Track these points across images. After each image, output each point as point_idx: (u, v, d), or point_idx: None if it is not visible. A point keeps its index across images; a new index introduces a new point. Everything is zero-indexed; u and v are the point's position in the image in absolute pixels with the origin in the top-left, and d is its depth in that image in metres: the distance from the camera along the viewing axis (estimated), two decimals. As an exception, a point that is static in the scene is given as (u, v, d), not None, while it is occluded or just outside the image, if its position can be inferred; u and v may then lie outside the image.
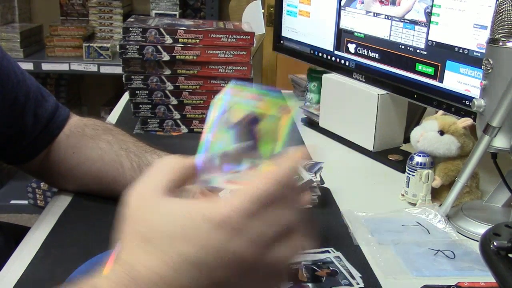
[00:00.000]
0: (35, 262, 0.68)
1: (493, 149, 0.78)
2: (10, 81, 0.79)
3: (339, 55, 1.20)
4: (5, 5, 2.62)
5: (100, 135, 0.84)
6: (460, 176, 0.82)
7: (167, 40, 1.12)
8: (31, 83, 0.83)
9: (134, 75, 1.14)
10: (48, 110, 0.84)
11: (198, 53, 1.12)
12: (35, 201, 2.61)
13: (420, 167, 0.87)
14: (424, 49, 0.99)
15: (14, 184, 2.75)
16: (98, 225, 0.78)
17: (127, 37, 1.12)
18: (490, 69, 0.76)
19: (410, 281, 0.68)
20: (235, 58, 1.14)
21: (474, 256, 0.73)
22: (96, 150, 0.83)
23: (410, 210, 0.85)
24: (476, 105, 0.78)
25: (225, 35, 1.12)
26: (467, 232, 0.80)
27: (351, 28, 1.15)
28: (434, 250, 0.74)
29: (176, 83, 1.14)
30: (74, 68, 2.41)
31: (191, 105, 1.16)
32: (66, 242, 0.73)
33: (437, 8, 0.95)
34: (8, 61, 0.80)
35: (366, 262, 0.71)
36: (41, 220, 0.79)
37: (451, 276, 0.69)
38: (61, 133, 0.85)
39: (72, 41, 2.47)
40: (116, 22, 2.60)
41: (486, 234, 0.52)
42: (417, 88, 1.01)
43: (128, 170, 0.80)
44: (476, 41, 0.88)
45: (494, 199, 0.85)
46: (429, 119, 0.92)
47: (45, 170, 0.86)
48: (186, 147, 1.11)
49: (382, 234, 0.79)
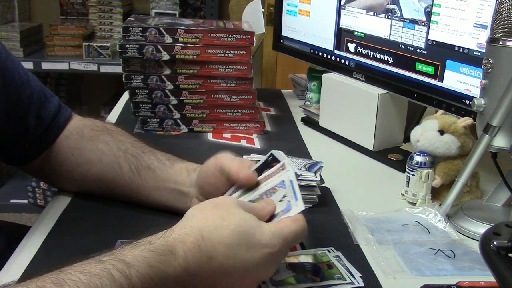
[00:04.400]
0: (35, 262, 0.68)
1: (493, 149, 0.78)
2: (14, 82, 0.79)
3: (339, 54, 1.20)
4: (5, 5, 2.62)
5: (98, 136, 0.84)
6: (460, 175, 0.82)
7: (167, 39, 1.12)
8: (34, 84, 0.83)
9: (134, 75, 1.14)
10: (51, 111, 0.84)
11: (198, 52, 1.12)
12: (35, 200, 2.61)
13: (420, 166, 0.87)
14: (424, 48, 0.98)
15: (14, 184, 2.75)
16: (98, 225, 0.78)
17: (127, 37, 1.12)
18: (490, 69, 0.76)
19: (410, 280, 0.68)
20: (235, 58, 1.13)
21: (474, 255, 0.73)
22: (94, 152, 0.82)
23: (410, 210, 0.85)
24: (476, 105, 0.78)
25: (225, 35, 1.12)
26: (467, 232, 0.80)
27: (351, 28, 1.15)
28: (434, 250, 0.74)
29: (176, 82, 1.14)
30: (74, 67, 2.41)
31: (191, 105, 1.16)
32: (66, 242, 0.73)
33: (437, 8, 0.94)
34: (13, 62, 0.80)
35: (366, 262, 0.71)
36: (41, 220, 0.79)
37: (451, 276, 0.69)
38: (61, 135, 0.85)
39: (72, 40, 2.47)
40: (116, 21, 2.60)
41: (486, 233, 0.52)
42: (417, 88, 1.01)
43: (127, 172, 0.80)
44: (476, 40, 0.88)
45: (494, 199, 0.85)
46: (429, 119, 0.92)
47: (45, 171, 0.86)
48: (186, 146, 1.12)
49: (382, 233, 0.79)
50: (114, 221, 0.79)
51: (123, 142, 0.83)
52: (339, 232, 0.79)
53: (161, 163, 0.80)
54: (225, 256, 0.56)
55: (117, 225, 0.77)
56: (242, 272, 0.57)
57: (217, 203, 0.60)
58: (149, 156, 0.81)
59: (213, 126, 1.19)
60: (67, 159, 0.84)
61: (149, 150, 0.83)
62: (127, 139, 0.84)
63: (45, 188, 2.58)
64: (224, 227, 0.56)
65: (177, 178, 0.78)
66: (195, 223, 0.57)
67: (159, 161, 0.80)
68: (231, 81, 1.15)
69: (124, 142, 0.83)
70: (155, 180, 0.79)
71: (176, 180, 0.78)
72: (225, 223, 0.57)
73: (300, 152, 1.09)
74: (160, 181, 0.79)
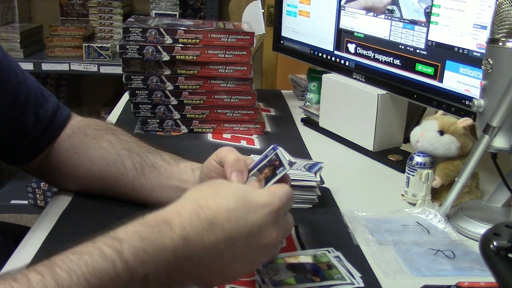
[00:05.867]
0: (35, 262, 0.67)
1: (493, 149, 0.78)
2: (11, 81, 0.79)
3: (339, 55, 1.20)
4: (5, 5, 2.62)
5: (102, 135, 0.84)
6: (460, 176, 0.82)
7: (167, 40, 1.12)
8: (32, 84, 0.83)
9: (134, 75, 1.14)
10: (49, 110, 0.84)
11: (198, 53, 1.12)
12: (35, 201, 2.61)
13: (420, 167, 0.87)
14: (424, 49, 0.99)
15: (14, 184, 2.75)
16: (98, 225, 0.77)
17: (127, 37, 1.12)
18: (490, 69, 0.76)
19: (410, 281, 0.68)
20: (235, 58, 1.14)
21: (474, 256, 0.73)
22: (98, 150, 0.83)
23: (410, 210, 0.85)
24: (476, 105, 0.78)
25: (225, 35, 1.13)
26: (467, 232, 0.80)
27: (351, 28, 1.15)
28: (434, 250, 0.74)
29: (176, 83, 1.14)
30: (74, 68, 2.41)
31: (191, 105, 1.16)
32: (66, 242, 0.73)
33: (437, 8, 0.95)
34: (9, 61, 0.80)
35: (366, 262, 0.71)
36: (41, 220, 0.79)
37: (451, 276, 0.69)
38: (63, 133, 0.85)
39: (72, 41, 2.47)
40: (116, 22, 2.60)
41: (486, 234, 0.52)
42: (417, 88, 1.01)
43: (130, 170, 0.80)
44: (476, 41, 0.88)
45: (494, 199, 0.85)
46: (429, 119, 0.92)
47: (46, 170, 0.86)
48: (186, 147, 1.12)
49: (382, 234, 0.79)
50: (114, 221, 0.78)
51: (127, 141, 0.84)
52: (339, 232, 0.79)
53: (165, 162, 0.80)
54: (227, 220, 0.54)
55: (117, 225, 0.77)
56: (246, 238, 0.55)
57: (210, 182, 0.62)
58: (154, 155, 0.82)
59: (213, 126, 1.19)
60: (70, 158, 0.84)
61: (153, 149, 0.83)
62: (131, 139, 0.85)
63: (45, 189, 2.58)
64: (220, 195, 0.56)
65: (181, 176, 0.79)
66: (190, 196, 0.57)
67: (164, 160, 0.81)
68: (231, 81, 1.15)
69: (128, 142, 0.84)
70: (159, 178, 0.79)
71: (180, 178, 0.78)
72: (220, 191, 0.57)
73: (300, 152, 1.09)
74: (164, 179, 0.79)
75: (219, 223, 0.54)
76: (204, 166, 0.74)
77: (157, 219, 0.53)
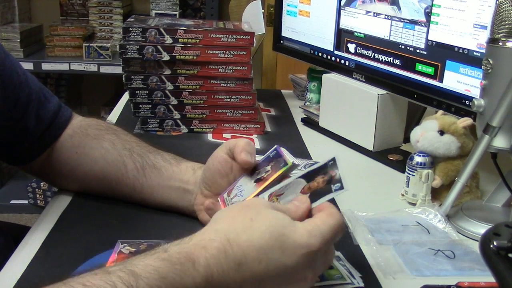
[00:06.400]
0: (35, 262, 0.68)
1: (493, 149, 0.78)
2: (12, 82, 0.79)
3: (339, 55, 1.20)
4: (5, 5, 2.62)
5: (103, 135, 0.84)
6: (460, 176, 0.82)
7: (167, 40, 1.12)
8: (33, 84, 0.83)
9: (134, 75, 1.14)
10: (51, 111, 0.84)
11: (198, 53, 1.12)
12: (35, 201, 2.62)
13: (420, 167, 0.87)
14: (424, 49, 0.99)
15: (14, 184, 2.75)
16: (98, 225, 0.78)
17: (127, 37, 1.12)
18: (490, 69, 0.76)
19: (410, 281, 0.68)
20: (235, 58, 1.14)
21: (474, 256, 0.73)
22: (99, 150, 0.83)
23: (410, 210, 0.85)
24: (476, 105, 0.78)
25: (225, 35, 1.13)
26: (467, 232, 0.80)
27: (351, 28, 1.15)
28: (434, 250, 0.74)
29: (176, 83, 1.14)
30: (74, 68, 2.41)
31: (191, 105, 1.16)
32: (66, 242, 0.73)
33: (437, 8, 0.95)
34: (11, 62, 0.80)
35: (366, 262, 0.71)
36: (41, 220, 0.79)
37: (451, 276, 0.69)
38: (64, 134, 0.85)
39: (72, 41, 2.47)
40: (116, 22, 2.61)
41: (486, 234, 0.52)
42: (417, 88, 1.01)
43: (131, 170, 0.80)
44: (476, 41, 0.88)
45: (494, 199, 0.85)
46: (429, 119, 0.92)
47: (47, 170, 0.86)
48: (186, 147, 1.12)
49: (382, 234, 0.78)
50: (114, 221, 0.79)
51: (128, 141, 0.84)
52: (339, 232, 0.79)
53: (167, 162, 0.80)
54: (257, 261, 0.50)
55: (117, 225, 0.77)
56: (276, 279, 0.51)
57: (246, 204, 0.56)
58: (155, 155, 0.82)
59: (213, 126, 1.19)
60: (71, 158, 0.84)
61: (154, 150, 0.83)
62: (132, 139, 0.85)
63: (45, 189, 2.58)
64: (254, 228, 0.51)
65: (182, 177, 0.78)
66: (221, 226, 0.52)
67: (165, 160, 0.81)
68: (231, 81, 1.15)
69: (129, 142, 0.84)
70: (160, 179, 0.79)
71: (181, 178, 0.78)
72: (255, 224, 0.52)
73: (300, 152, 1.09)
74: (165, 179, 0.79)
75: (248, 264, 0.50)
76: (210, 159, 0.74)
77: (180, 254, 0.49)
